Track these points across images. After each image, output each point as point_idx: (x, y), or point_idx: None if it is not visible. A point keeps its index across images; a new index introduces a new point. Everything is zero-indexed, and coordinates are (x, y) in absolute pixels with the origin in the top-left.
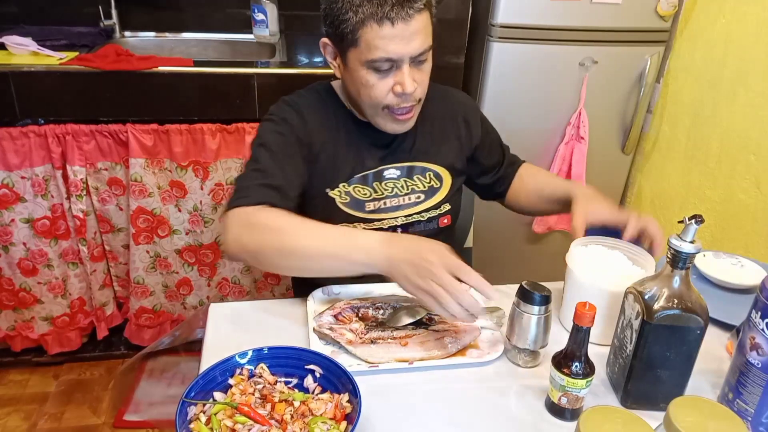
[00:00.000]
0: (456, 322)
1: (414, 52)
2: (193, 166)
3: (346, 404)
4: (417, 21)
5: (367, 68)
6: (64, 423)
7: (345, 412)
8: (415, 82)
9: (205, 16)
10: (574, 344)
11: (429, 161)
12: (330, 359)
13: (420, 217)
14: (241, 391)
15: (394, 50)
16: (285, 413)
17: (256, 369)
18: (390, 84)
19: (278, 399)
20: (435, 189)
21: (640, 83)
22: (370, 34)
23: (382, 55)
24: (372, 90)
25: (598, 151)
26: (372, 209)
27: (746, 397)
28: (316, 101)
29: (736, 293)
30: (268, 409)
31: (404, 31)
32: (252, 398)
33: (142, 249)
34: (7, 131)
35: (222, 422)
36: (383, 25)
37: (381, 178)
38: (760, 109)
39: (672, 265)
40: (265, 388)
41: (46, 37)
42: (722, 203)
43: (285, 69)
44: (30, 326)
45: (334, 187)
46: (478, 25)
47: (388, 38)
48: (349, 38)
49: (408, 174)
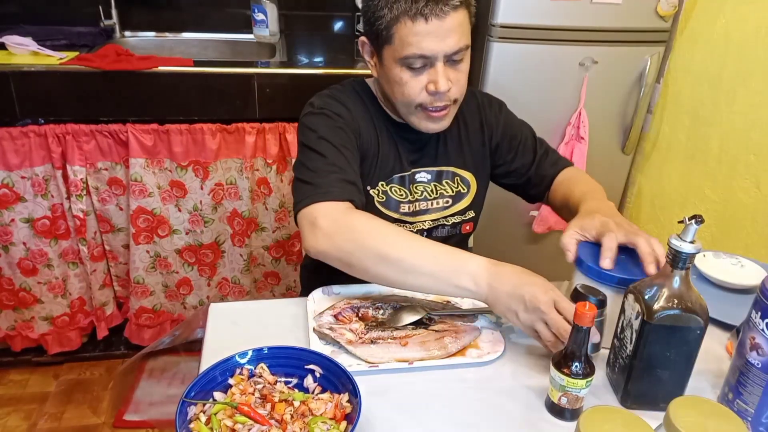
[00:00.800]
0: (456, 322)
1: (448, 49)
2: (193, 166)
3: (346, 404)
4: (452, 18)
5: (401, 66)
6: (64, 423)
7: (345, 411)
8: (450, 81)
9: (205, 16)
10: (574, 344)
11: (458, 166)
12: (330, 359)
13: (446, 222)
14: (241, 391)
15: (427, 47)
16: (285, 413)
17: (256, 369)
18: (423, 82)
19: (278, 399)
20: (462, 194)
21: (640, 83)
22: (404, 30)
23: (415, 51)
24: (405, 87)
25: (598, 151)
26: (406, 211)
27: (746, 397)
28: (356, 98)
29: (736, 293)
30: (268, 409)
31: (438, 28)
32: (252, 398)
33: (142, 249)
34: (7, 131)
35: (222, 422)
36: (417, 21)
37: (414, 181)
38: (760, 109)
39: (672, 265)
40: (265, 387)
41: (46, 37)
42: (722, 203)
43: (285, 69)
44: (30, 326)
45: (375, 185)
46: (478, 25)
47: (422, 35)
48: (384, 35)
49: (437, 178)
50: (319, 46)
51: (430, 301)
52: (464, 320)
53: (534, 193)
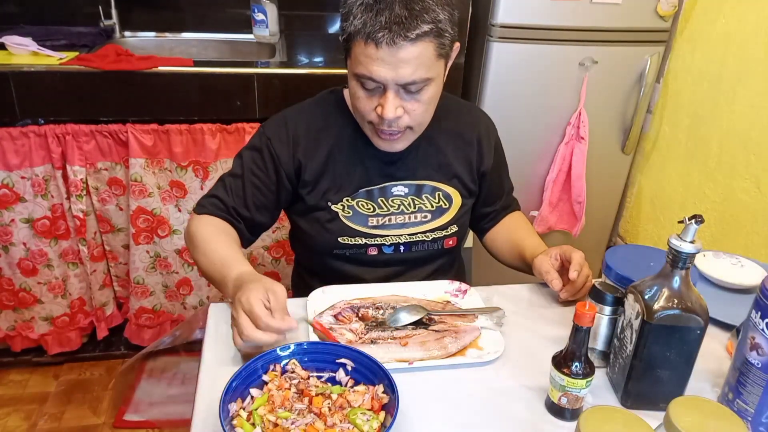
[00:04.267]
0: (456, 322)
1: (400, 80)
2: (193, 166)
3: (382, 395)
4: (407, 51)
5: (356, 81)
6: (64, 423)
7: (382, 402)
8: (404, 109)
9: (205, 16)
10: (574, 344)
11: (440, 181)
12: (362, 353)
13: (424, 237)
14: (277, 387)
15: (376, 72)
16: (323, 406)
17: (288, 365)
18: (374, 104)
19: (315, 393)
20: (443, 209)
21: (640, 83)
22: (358, 49)
23: (364, 72)
24: (358, 102)
25: (598, 151)
26: (375, 224)
27: (746, 397)
28: (319, 114)
29: (736, 293)
30: (306, 403)
31: (390, 57)
32: (289, 393)
33: (142, 249)
34: (7, 131)
35: (264, 417)
36: (368, 44)
37: (387, 195)
38: (760, 109)
39: (672, 265)
40: (300, 383)
41: (46, 37)
42: (722, 203)
43: (285, 69)
44: (30, 326)
45: (338, 201)
46: (478, 25)
47: (372, 59)
48: (344, 46)
49: (416, 192)
50: (319, 46)
51: (430, 301)
52: (464, 320)
53: (483, 227)
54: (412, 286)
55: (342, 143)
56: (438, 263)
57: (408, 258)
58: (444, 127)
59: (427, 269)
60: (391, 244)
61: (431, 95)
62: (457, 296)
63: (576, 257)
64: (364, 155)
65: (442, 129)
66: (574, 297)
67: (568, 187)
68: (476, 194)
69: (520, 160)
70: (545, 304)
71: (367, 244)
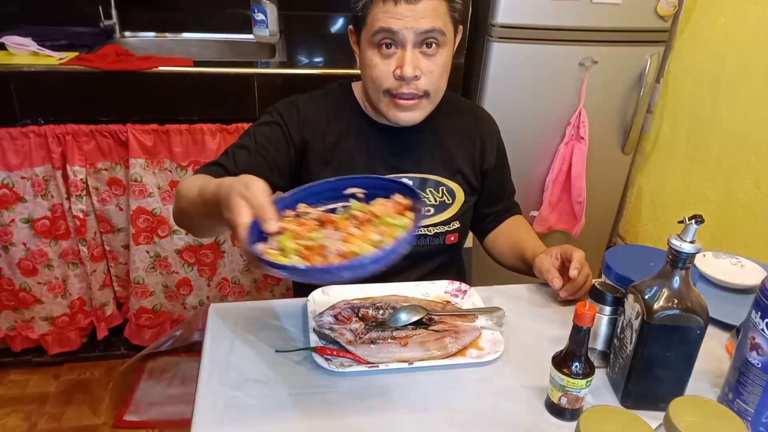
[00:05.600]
0: (456, 322)
1: (419, 28)
2: (193, 166)
3: (403, 200)
4: (424, 4)
5: (372, 48)
6: (64, 423)
7: (405, 205)
8: (420, 69)
9: (205, 16)
10: (574, 344)
11: (444, 176)
12: (368, 176)
13: (427, 231)
14: (298, 224)
15: (396, 23)
16: (350, 228)
17: (297, 210)
18: (392, 66)
19: (337, 219)
20: (446, 205)
21: (640, 83)
22: (376, 9)
23: (382, 25)
24: (374, 70)
25: (598, 151)
26: None
27: (746, 397)
28: (328, 103)
29: (736, 293)
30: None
31: (408, 11)
32: (312, 223)
33: (142, 249)
34: (7, 131)
35: (296, 244)
36: (387, 2)
37: None
38: (760, 109)
39: (672, 265)
40: (319, 215)
41: (46, 37)
42: (722, 203)
43: (285, 69)
44: (30, 326)
45: None
46: (478, 25)
47: (391, 14)
48: (359, 17)
49: (420, 186)
50: (319, 46)
51: (430, 301)
52: (464, 320)
53: (484, 228)
54: (412, 286)
55: (349, 132)
56: (439, 260)
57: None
58: (449, 124)
59: (429, 266)
60: None
61: (445, 59)
62: (457, 296)
63: (576, 256)
64: (371, 146)
65: (447, 125)
66: (574, 296)
67: (568, 187)
68: (479, 192)
69: (520, 160)
70: (545, 304)
71: None
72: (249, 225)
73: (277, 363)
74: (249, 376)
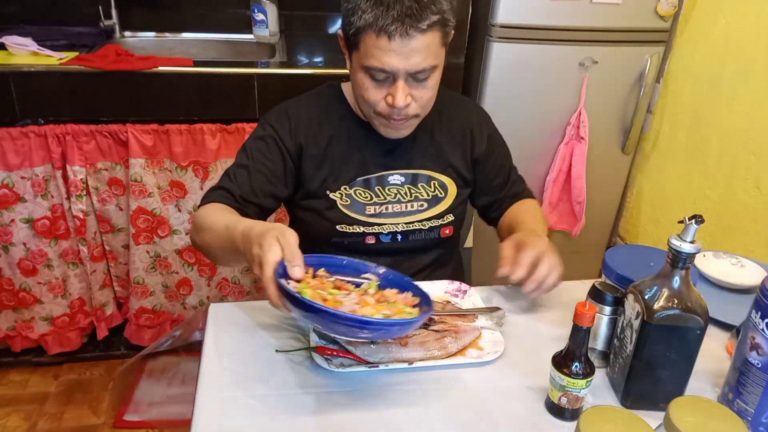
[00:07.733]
0: (456, 322)
1: (411, 68)
2: (193, 166)
3: (413, 298)
4: (418, 40)
5: (364, 72)
6: (64, 423)
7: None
8: (412, 97)
9: (205, 16)
10: (574, 344)
11: (435, 170)
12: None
13: (421, 226)
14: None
15: (388, 63)
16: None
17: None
18: (384, 93)
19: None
20: (439, 198)
21: (640, 83)
22: (369, 41)
23: (376, 65)
24: (366, 93)
25: (598, 151)
26: (372, 213)
27: (746, 397)
28: (319, 105)
29: (736, 293)
30: None
31: (402, 47)
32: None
33: (142, 249)
34: (7, 131)
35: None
36: (381, 37)
37: (384, 183)
38: (760, 109)
39: (672, 265)
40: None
41: (46, 37)
42: (722, 203)
43: (285, 69)
44: (30, 326)
45: (336, 190)
46: (478, 25)
47: (385, 50)
48: (352, 40)
49: (412, 181)
50: (319, 46)
51: None
52: (464, 320)
53: (493, 216)
54: None
55: (341, 133)
56: (436, 253)
57: (405, 247)
58: (440, 119)
59: (425, 259)
60: (388, 233)
61: (436, 81)
62: (457, 296)
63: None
64: (363, 145)
65: (437, 121)
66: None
67: (568, 187)
68: (472, 184)
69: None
70: (545, 304)
71: (365, 233)
72: (277, 263)
73: (277, 363)
74: (249, 376)
